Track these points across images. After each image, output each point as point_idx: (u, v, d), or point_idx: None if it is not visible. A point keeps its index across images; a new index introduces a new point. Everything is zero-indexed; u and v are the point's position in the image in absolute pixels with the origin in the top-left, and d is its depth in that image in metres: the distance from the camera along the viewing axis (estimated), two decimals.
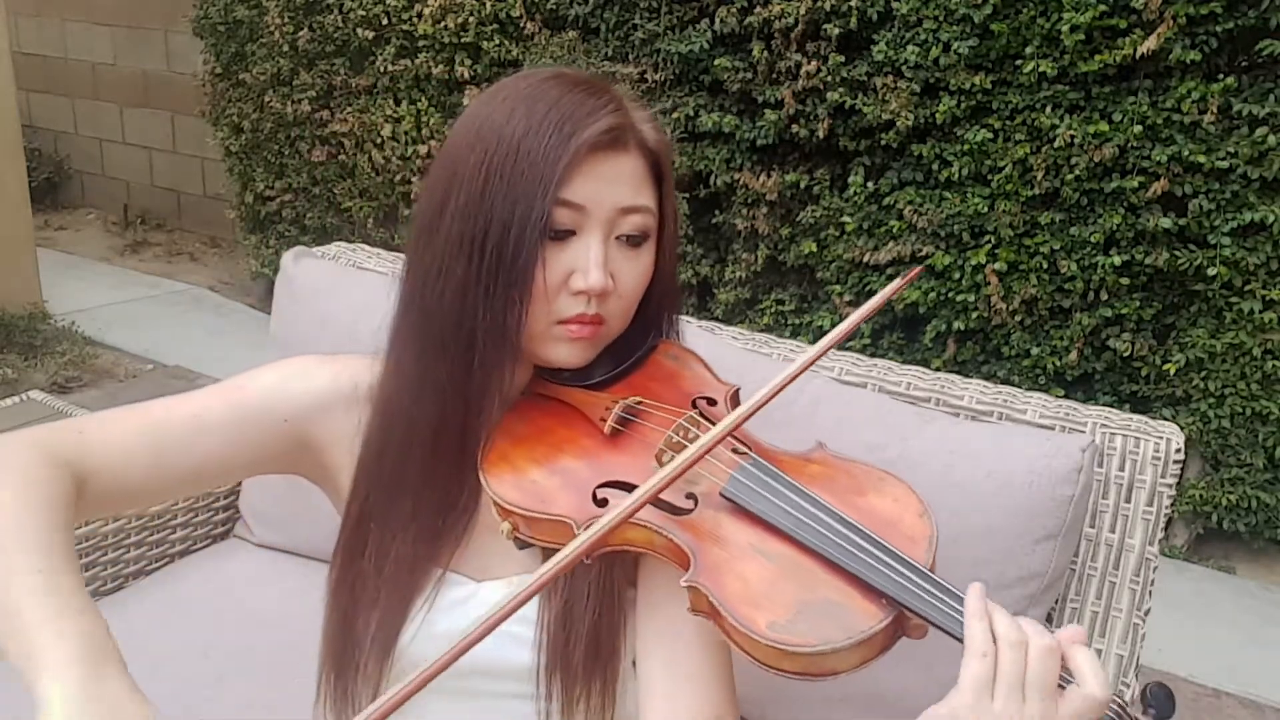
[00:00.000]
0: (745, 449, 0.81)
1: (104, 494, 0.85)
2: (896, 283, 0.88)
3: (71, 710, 0.66)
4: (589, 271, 0.81)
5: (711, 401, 0.86)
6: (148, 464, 0.87)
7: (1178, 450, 1.23)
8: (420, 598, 0.87)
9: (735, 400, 0.87)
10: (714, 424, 0.81)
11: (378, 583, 0.88)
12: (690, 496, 0.78)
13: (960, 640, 0.69)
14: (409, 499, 0.87)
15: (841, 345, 1.01)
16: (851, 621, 0.70)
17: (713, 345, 1.37)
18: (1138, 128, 2.52)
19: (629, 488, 0.79)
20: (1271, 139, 2.45)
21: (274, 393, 0.92)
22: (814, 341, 2.55)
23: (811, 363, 0.81)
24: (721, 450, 0.79)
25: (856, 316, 0.83)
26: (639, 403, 0.85)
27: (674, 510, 0.77)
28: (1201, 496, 2.79)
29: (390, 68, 3.58)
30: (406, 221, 3.72)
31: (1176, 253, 2.61)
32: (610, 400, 0.86)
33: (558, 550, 0.74)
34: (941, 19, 2.64)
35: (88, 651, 0.70)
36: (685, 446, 0.79)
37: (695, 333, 1.42)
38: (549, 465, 0.83)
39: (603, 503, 0.79)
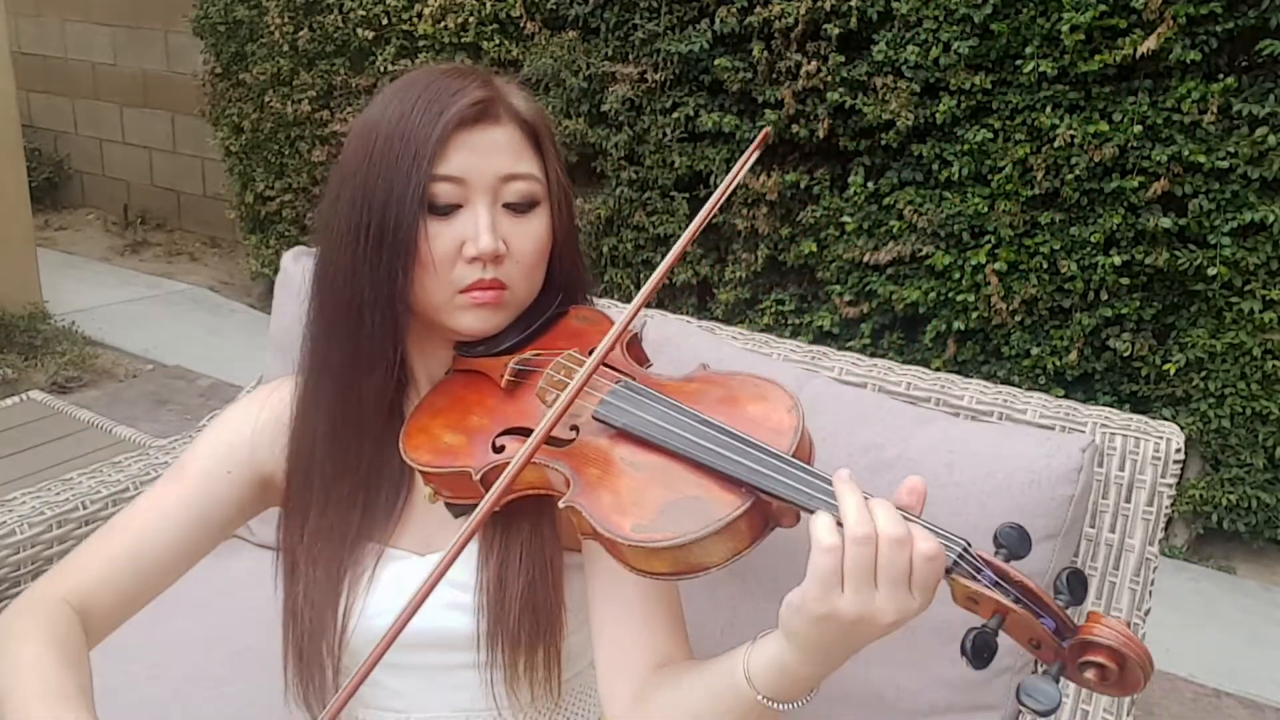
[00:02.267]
0: (627, 375, 0.85)
1: (108, 610, 0.91)
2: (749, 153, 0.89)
3: None
4: (478, 237, 0.85)
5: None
6: (131, 568, 0.92)
7: (1178, 450, 1.23)
8: (363, 575, 0.91)
9: (633, 347, 0.91)
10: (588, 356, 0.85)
11: (313, 567, 0.91)
12: (573, 428, 0.82)
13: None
14: (326, 482, 0.91)
15: (841, 346, 1.03)
16: (710, 510, 0.72)
17: (713, 345, 1.37)
18: (1138, 128, 2.52)
19: (524, 431, 0.83)
20: (1271, 139, 2.45)
21: (210, 455, 0.97)
22: (814, 342, 2.55)
23: (672, 262, 0.85)
24: (600, 380, 0.83)
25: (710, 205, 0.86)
26: (534, 356, 0.89)
27: (558, 443, 0.81)
28: (1201, 496, 2.80)
29: (390, 68, 3.58)
30: None
31: (1176, 253, 2.61)
32: (512, 360, 0.90)
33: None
34: (941, 19, 2.64)
35: None
36: (565, 384, 0.83)
37: (695, 332, 1.42)
38: (457, 427, 0.87)
39: (500, 449, 0.83)
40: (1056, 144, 2.59)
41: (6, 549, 1.40)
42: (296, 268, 1.60)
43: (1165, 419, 1.65)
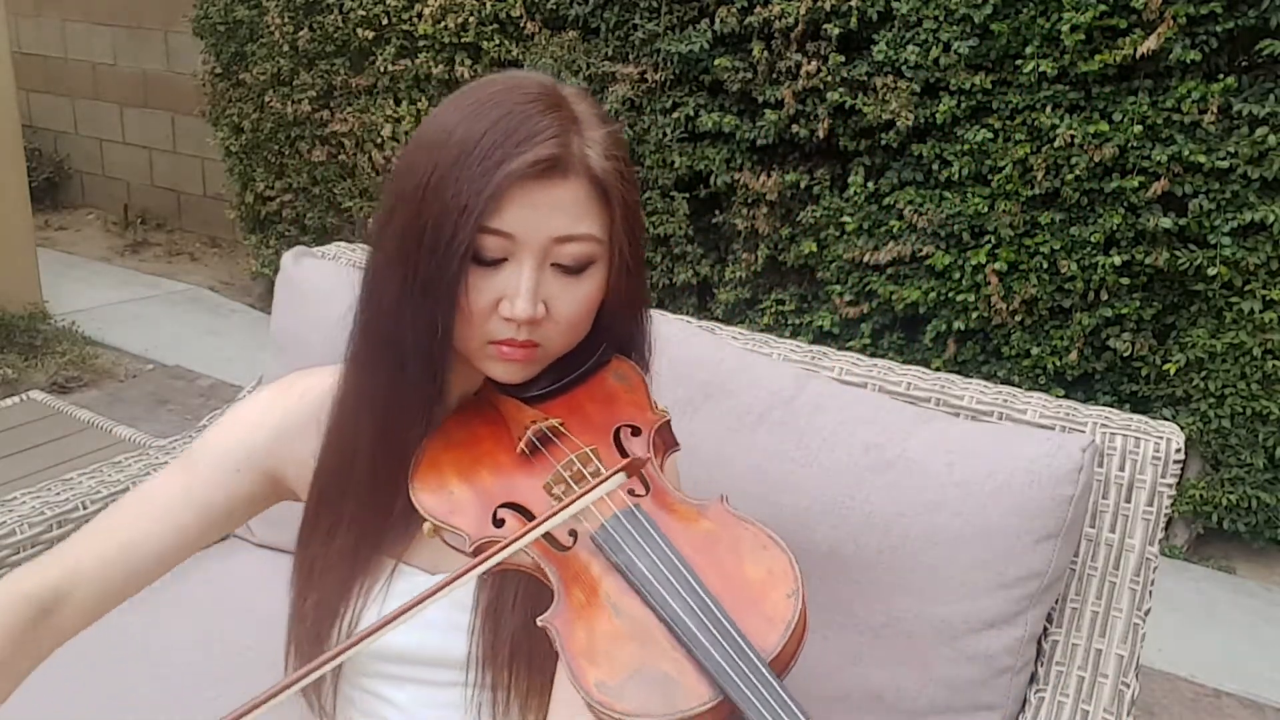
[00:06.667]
0: (643, 491, 0.80)
1: (91, 602, 0.91)
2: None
3: None
4: (516, 300, 0.81)
5: (635, 431, 0.85)
6: (122, 561, 0.92)
7: (1178, 450, 1.23)
8: (376, 587, 0.91)
9: (662, 433, 0.87)
10: (624, 455, 0.82)
11: (329, 573, 0.91)
12: (572, 533, 0.77)
13: None
14: (353, 499, 0.90)
15: (841, 346, 1.01)
16: (676, 698, 0.69)
17: (713, 345, 1.37)
18: (1138, 128, 2.52)
19: (524, 510, 0.80)
20: (1271, 139, 2.45)
21: (221, 449, 0.96)
22: (814, 342, 2.56)
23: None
24: (617, 491, 0.78)
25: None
26: (558, 426, 0.85)
27: (555, 544, 0.77)
28: (1201, 496, 2.80)
29: (390, 68, 3.58)
30: None
31: (1176, 253, 2.61)
32: (534, 419, 0.85)
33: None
34: (941, 19, 2.64)
35: None
36: (584, 477, 0.79)
37: (695, 332, 1.42)
38: (466, 477, 0.85)
39: (500, 523, 0.80)
40: (1056, 144, 2.59)
41: (6, 549, 1.40)
42: (296, 268, 1.60)
43: (1165, 419, 1.66)
